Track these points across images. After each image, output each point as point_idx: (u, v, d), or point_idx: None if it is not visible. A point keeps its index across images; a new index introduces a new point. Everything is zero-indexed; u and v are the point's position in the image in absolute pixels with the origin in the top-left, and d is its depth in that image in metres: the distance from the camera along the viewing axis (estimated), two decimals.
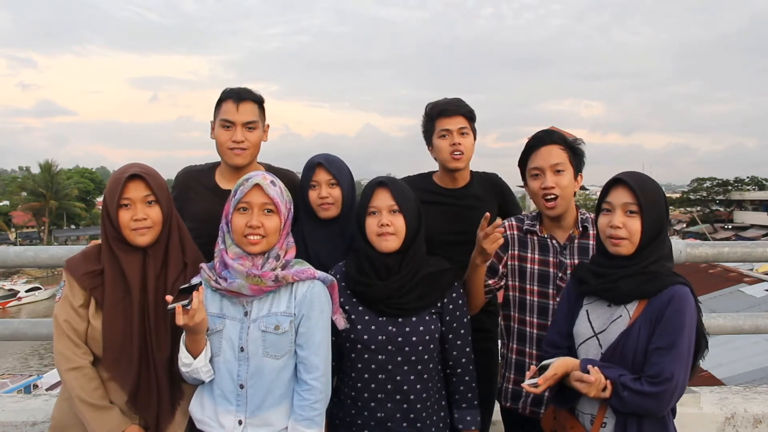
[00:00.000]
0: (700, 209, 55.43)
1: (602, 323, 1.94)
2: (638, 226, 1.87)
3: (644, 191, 1.88)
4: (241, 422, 1.93)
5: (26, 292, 37.08)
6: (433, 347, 2.10)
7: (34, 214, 52.85)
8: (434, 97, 2.89)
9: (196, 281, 1.97)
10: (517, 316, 2.35)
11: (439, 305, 2.12)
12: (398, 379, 2.07)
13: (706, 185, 56.82)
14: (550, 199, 2.23)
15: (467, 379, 2.17)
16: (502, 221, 2.40)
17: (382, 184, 2.12)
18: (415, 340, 2.06)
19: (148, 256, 2.02)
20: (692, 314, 1.83)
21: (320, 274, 2.02)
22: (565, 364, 1.88)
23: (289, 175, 2.60)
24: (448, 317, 2.13)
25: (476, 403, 2.18)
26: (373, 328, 2.08)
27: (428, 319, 2.09)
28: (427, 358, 2.09)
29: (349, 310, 2.11)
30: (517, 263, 2.34)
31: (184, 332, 1.91)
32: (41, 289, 37.49)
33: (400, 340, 2.06)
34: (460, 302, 2.16)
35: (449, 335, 2.14)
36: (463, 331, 2.16)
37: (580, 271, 2.04)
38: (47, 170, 52.99)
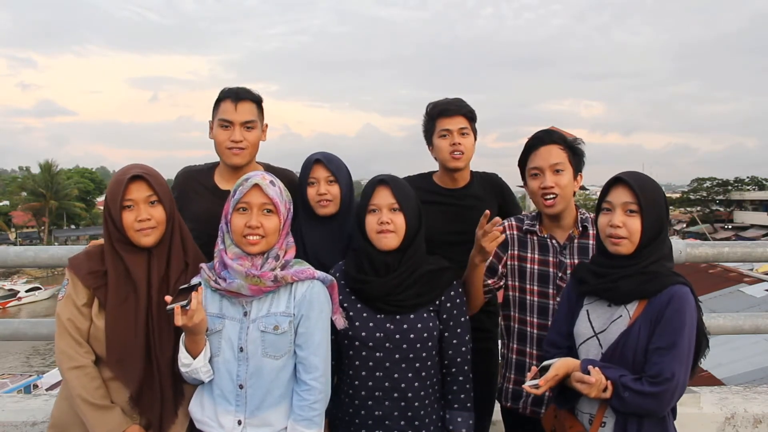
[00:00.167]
0: (700, 209, 55.43)
1: (602, 323, 1.93)
2: (638, 225, 1.87)
3: (644, 191, 1.88)
4: (240, 422, 1.93)
5: (26, 292, 37.05)
6: (431, 345, 2.09)
7: (34, 214, 52.84)
8: (434, 97, 2.90)
9: (195, 281, 1.97)
10: (517, 316, 2.35)
11: (437, 303, 2.11)
12: (396, 376, 2.06)
13: (706, 185, 56.83)
14: (549, 198, 2.23)
15: (461, 379, 2.13)
16: (501, 220, 2.40)
17: (383, 182, 2.12)
18: (412, 337, 2.05)
19: (152, 256, 2.03)
20: (692, 314, 1.83)
21: (320, 274, 2.01)
22: (565, 364, 1.88)
23: (288, 174, 2.59)
24: (445, 315, 2.12)
25: (469, 405, 2.12)
26: (371, 325, 2.07)
27: (426, 316, 2.08)
28: (425, 356, 2.08)
29: (347, 307, 2.11)
30: (516, 263, 2.34)
31: (183, 332, 1.91)
32: (41, 289, 37.47)
33: (397, 337, 2.05)
34: (458, 301, 2.15)
35: (446, 333, 2.12)
36: (460, 330, 2.14)
37: (580, 271, 2.04)
38: (47, 170, 52.99)
